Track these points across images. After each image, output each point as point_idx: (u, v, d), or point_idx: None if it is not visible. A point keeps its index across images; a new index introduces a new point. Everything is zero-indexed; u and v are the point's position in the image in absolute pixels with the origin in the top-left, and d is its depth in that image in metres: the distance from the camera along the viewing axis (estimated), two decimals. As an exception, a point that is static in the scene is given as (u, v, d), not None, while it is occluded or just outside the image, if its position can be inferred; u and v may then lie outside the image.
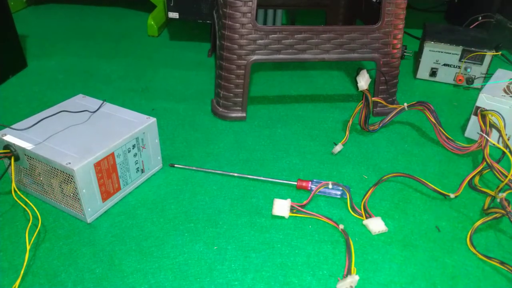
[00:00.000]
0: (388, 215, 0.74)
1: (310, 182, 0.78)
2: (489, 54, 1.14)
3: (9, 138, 0.70)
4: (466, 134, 0.97)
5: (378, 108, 1.04)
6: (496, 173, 0.76)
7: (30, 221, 0.69)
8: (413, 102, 0.91)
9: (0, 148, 0.71)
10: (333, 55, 0.96)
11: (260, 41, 0.92)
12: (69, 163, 0.64)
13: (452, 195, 0.77)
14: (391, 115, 0.93)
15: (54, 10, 1.73)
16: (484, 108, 0.86)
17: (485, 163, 0.77)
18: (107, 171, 0.70)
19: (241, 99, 0.99)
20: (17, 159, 0.70)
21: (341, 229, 0.70)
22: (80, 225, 0.69)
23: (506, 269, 0.64)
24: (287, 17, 1.68)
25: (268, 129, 0.97)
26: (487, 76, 1.15)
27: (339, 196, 0.77)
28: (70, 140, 0.70)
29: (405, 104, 0.91)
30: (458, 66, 1.19)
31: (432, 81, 1.24)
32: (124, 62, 1.28)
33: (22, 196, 0.74)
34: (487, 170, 0.82)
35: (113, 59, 1.30)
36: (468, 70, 1.17)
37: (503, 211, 0.70)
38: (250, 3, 0.88)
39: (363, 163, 0.87)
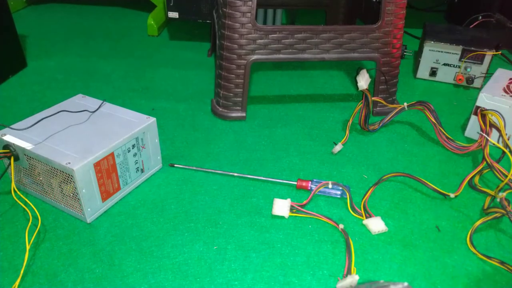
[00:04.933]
0: (388, 215, 0.74)
1: (310, 182, 0.78)
2: (489, 54, 1.14)
3: (9, 138, 0.70)
4: (466, 133, 0.97)
5: (378, 108, 1.04)
6: (496, 173, 0.76)
7: (30, 221, 0.69)
8: (413, 102, 0.91)
9: (0, 148, 0.71)
10: (333, 54, 0.95)
11: (260, 40, 0.92)
12: (69, 163, 0.64)
13: (452, 195, 0.77)
14: (391, 115, 0.93)
15: (54, 10, 1.73)
16: (484, 108, 0.86)
17: (485, 162, 0.77)
18: (107, 171, 0.70)
19: (241, 99, 0.99)
20: (16, 159, 0.70)
21: (341, 229, 0.70)
22: (80, 225, 0.69)
23: (506, 269, 0.64)
24: (287, 16, 1.68)
25: (268, 129, 0.97)
26: (487, 75, 1.15)
27: (339, 196, 0.77)
28: (69, 140, 0.70)
29: (405, 104, 0.91)
30: (458, 66, 1.19)
31: (432, 80, 1.24)
32: (124, 62, 1.28)
33: (21, 196, 0.74)
34: (487, 170, 0.82)
35: (113, 59, 1.30)
36: (468, 69, 1.17)
37: (503, 211, 0.70)
38: (250, 2, 0.88)
39: (363, 163, 0.87)
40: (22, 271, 0.61)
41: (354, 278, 0.59)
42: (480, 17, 1.42)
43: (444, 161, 0.88)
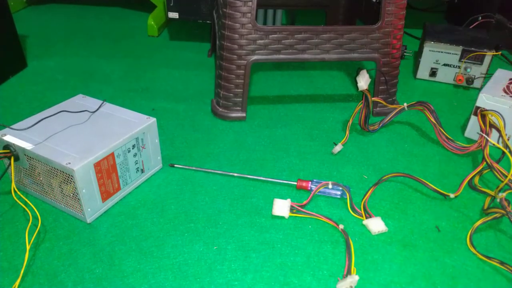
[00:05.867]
0: (388, 215, 0.74)
1: (310, 182, 0.78)
2: (489, 54, 1.14)
3: (9, 138, 0.70)
4: (466, 134, 0.97)
5: (378, 108, 1.04)
6: (496, 173, 0.76)
7: (30, 221, 0.69)
8: (413, 102, 0.91)
9: (0, 148, 0.71)
10: (333, 55, 0.96)
11: (260, 41, 0.92)
12: (69, 163, 0.64)
13: (452, 195, 0.77)
14: (391, 115, 0.93)
15: (54, 10, 1.73)
16: (484, 108, 0.86)
17: (485, 163, 0.77)
18: (107, 171, 0.70)
19: (241, 99, 0.99)
20: (17, 159, 0.70)
21: (341, 229, 0.70)
22: (80, 225, 0.69)
23: (506, 269, 0.64)
24: (287, 17, 1.68)
25: (268, 129, 0.97)
26: (487, 76, 1.15)
27: (339, 196, 0.77)
28: (70, 140, 0.70)
29: (405, 104, 0.91)
30: (458, 66, 1.19)
31: (432, 81, 1.24)
32: (124, 62, 1.28)
33: (22, 196, 0.74)
34: (487, 170, 0.82)
35: (113, 59, 1.30)
36: (468, 70, 1.17)
37: (503, 211, 0.70)
38: (250, 3, 0.88)
39: (363, 163, 0.87)
40: (22, 271, 0.61)
41: (354, 278, 0.59)
42: (480, 18, 1.42)
43: (444, 162, 0.89)
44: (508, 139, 0.89)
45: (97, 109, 0.80)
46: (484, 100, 0.89)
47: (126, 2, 1.82)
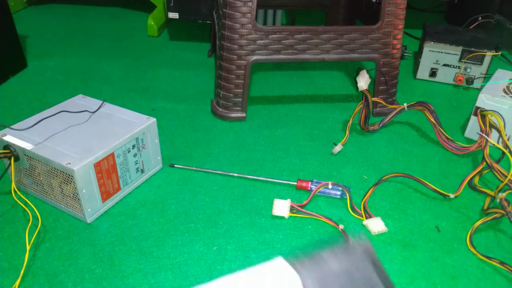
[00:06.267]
0: (388, 215, 0.74)
1: (310, 182, 0.78)
2: (488, 54, 1.14)
3: (9, 138, 0.70)
4: (466, 134, 0.97)
5: (378, 108, 1.04)
6: (496, 173, 0.76)
7: (30, 221, 0.69)
8: (413, 102, 0.92)
9: (0, 148, 0.71)
10: (333, 55, 0.96)
11: (260, 41, 0.92)
12: (69, 163, 0.64)
13: (452, 195, 0.77)
14: (391, 115, 0.93)
15: (54, 10, 1.73)
16: (484, 108, 0.86)
17: (485, 163, 0.77)
18: (107, 171, 0.70)
19: (241, 99, 0.99)
20: (17, 159, 0.70)
21: (341, 229, 0.70)
22: (80, 225, 0.69)
23: (506, 269, 0.64)
24: (287, 17, 1.68)
25: (268, 129, 0.97)
26: (487, 76, 1.15)
27: (339, 196, 0.77)
28: (70, 140, 0.70)
29: (405, 104, 0.91)
30: (458, 67, 1.19)
31: (432, 81, 1.24)
32: (124, 62, 1.28)
33: (22, 196, 0.74)
34: (487, 170, 0.82)
35: (113, 59, 1.30)
36: (468, 70, 1.17)
37: (503, 211, 0.70)
38: (250, 3, 0.88)
39: (363, 163, 0.87)
40: (22, 271, 0.61)
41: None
42: (480, 18, 1.42)
43: (444, 162, 0.89)
44: (508, 139, 0.89)
45: (97, 109, 0.80)
46: (484, 100, 0.89)
47: (126, 2, 1.82)
